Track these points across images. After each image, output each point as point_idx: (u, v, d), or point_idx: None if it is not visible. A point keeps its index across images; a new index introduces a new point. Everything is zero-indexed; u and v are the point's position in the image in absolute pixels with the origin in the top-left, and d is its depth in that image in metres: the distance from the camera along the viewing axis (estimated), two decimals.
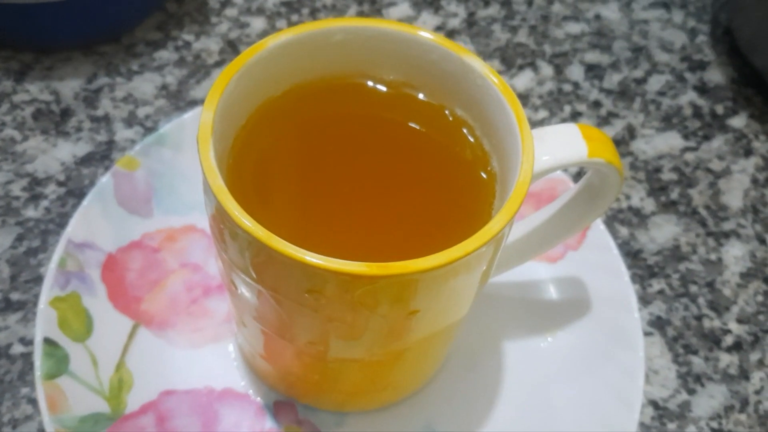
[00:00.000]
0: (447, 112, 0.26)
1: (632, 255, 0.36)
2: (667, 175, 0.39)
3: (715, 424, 0.32)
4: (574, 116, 0.41)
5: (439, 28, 0.44)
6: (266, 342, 0.26)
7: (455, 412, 0.30)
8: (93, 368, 0.28)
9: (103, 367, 0.28)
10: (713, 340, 0.34)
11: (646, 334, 0.34)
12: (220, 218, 0.21)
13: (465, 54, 0.24)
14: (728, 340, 0.34)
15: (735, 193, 0.39)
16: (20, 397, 0.30)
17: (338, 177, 0.25)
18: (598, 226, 0.33)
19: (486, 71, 0.24)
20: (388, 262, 0.20)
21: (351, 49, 0.25)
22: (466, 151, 0.25)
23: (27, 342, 0.31)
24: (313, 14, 0.44)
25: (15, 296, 0.32)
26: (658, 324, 0.34)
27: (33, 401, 0.30)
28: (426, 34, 0.25)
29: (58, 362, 0.27)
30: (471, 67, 0.24)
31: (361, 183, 0.25)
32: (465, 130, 0.26)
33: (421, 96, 0.26)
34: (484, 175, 0.25)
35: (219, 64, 0.41)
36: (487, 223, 0.21)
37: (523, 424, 0.29)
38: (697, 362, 0.33)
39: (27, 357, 0.31)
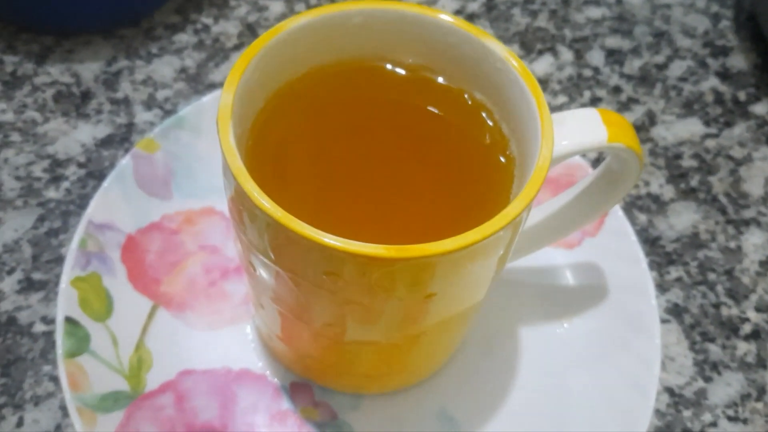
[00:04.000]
0: (466, 95, 0.26)
1: (650, 242, 0.36)
2: (687, 162, 0.39)
3: (731, 412, 0.31)
4: (594, 102, 0.41)
5: (458, 12, 0.44)
6: (283, 324, 0.26)
7: (470, 396, 0.30)
8: (113, 347, 0.29)
9: (123, 346, 0.29)
10: (731, 328, 0.34)
11: (663, 321, 0.34)
12: (240, 199, 0.21)
13: (485, 37, 0.24)
14: (746, 328, 0.34)
15: (756, 180, 0.39)
16: (42, 375, 0.30)
17: (357, 159, 0.25)
18: (617, 213, 0.33)
19: (506, 55, 0.24)
20: (406, 244, 0.20)
21: (370, 32, 0.25)
22: (484, 135, 0.25)
23: (49, 321, 0.31)
24: None
25: (37, 276, 0.33)
26: (675, 311, 0.34)
27: (55, 379, 0.30)
28: (446, 17, 0.25)
29: (79, 341, 0.28)
30: (491, 51, 0.24)
31: (379, 166, 0.25)
32: (484, 114, 0.26)
33: (440, 79, 0.26)
34: (502, 159, 0.25)
35: (238, 47, 0.41)
36: (505, 208, 0.21)
37: (538, 410, 0.30)
38: (714, 350, 0.33)
39: (49, 335, 0.31)
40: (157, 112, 0.38)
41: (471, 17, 0.44)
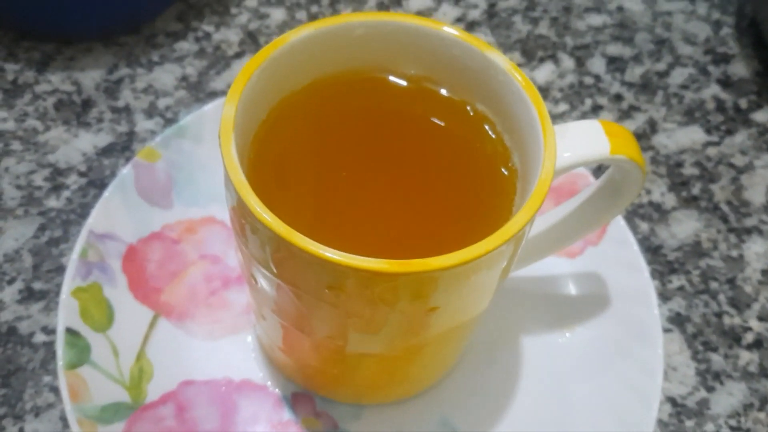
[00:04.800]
0: (468, 107, 0.26)
1: (652, 251, 0.36)
2: (689, 170, 0.39)
3: (733, 422, 0.31)
4: (595, 110, 0.41)
5: (459, 20, 0.44)
6: (285, 335, 0.26)
7: (472, 406, 0.30)
8: (114, 358, 0.29)
9: (123, 357, 0.29)
10: (733, 337, 0.34)
11: (666, 330, 0.34)
12: (241, 213, 0.21)
13: (487, 49, 0.24)
14: (748, 337, 0.34)
15: (758, 188, 0.39)
16: (42, 386, 0.30)
17: (359, 171, 0.25)
18: (618, 222, 0.33)
19: (508, 67, 0.24)
20: (408, 258, 0.20)
21: (372, 44, 0.25)
22: (487, 146, 0.25)
23: (49, 331, 0.31)
24: (333, 5, 0.44)
25: (37, 285, 0.32)
26: (677, 320, 0.34)
27: (55, 389, 0.30)
28: (448, 29, 0.25)
29: (80, 352, 0.28)
30: (493, 63, 0.24)
31: (381, 178, 0.25)
32: (486, 126, 0.25)
33: (442, 91, 0.26)
34: (505, 171, 0.25)
35: (239, 55, 0.41)
36: (508, 221, 0.21)
37: (540, 420, 0.29)
38: (717, 360, 0.33)
39: (49, 346, 0.31)
40: (158, 120, 0.38)
41: (472, 25, 0.44)
